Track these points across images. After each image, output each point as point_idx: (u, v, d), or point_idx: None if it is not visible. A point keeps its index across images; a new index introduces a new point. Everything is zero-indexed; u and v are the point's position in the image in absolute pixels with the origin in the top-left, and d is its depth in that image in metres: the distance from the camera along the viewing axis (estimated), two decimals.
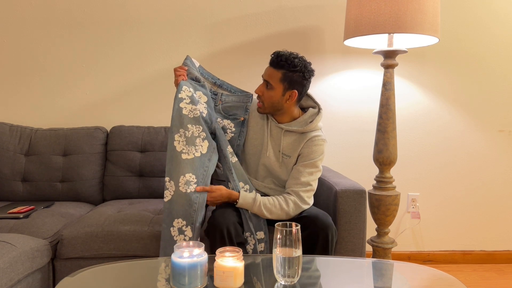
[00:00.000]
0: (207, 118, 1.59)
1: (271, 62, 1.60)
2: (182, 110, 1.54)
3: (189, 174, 1.51)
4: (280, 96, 1.60)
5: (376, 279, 1.20)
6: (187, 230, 1.50)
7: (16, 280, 1.37)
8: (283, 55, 1.58)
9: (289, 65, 1.56)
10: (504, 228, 2.48)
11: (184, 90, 1.56)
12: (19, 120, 2.32)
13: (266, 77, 1.61)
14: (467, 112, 2.42)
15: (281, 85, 1.59)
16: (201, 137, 1.56)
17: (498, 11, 2.36)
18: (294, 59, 1.57)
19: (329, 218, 1.53)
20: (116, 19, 2.31)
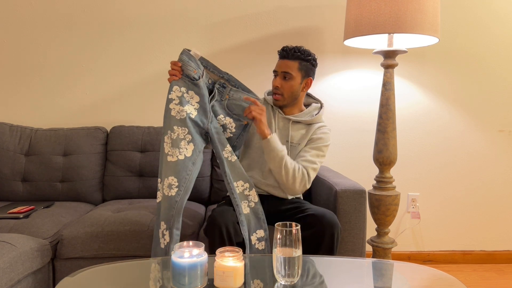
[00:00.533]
0: (196, 119, 1.55)
1: (284, 56, 1.70)
2: (170, 111, 1.52)
3: (171, 177, 1.50)
4: (298, 84, 1.71)
5: (376, 279, 1.20)
6: (166, 234, 1.49)
7: (16, 280, 1.37)
8: (295, 48, 1.70)
9: (303, 54, 1.69)
10: (504, 228, 2.48)
11: (175, 90, 1.53)
12: (19, 120, 2.32)
13: (284, 68, 1.69)
14: (467, 112, 2.42)
15: (299, 73, 1.70)
16: (186, 139, 1.53)
17: (498, 11, 2.36)
18: (305, 50, 1.71)
19: (334, 217, 1.53)
20: (116, 19, 2.31)
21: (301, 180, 1.63)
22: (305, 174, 1.64)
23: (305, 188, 1.66)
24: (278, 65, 1.72)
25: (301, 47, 1.71)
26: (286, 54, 1.70)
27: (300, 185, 1.63)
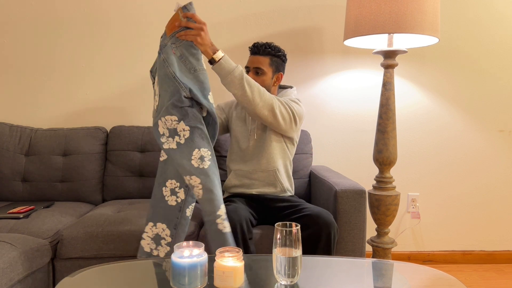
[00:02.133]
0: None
1: (255, 51, 1.75)
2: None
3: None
4: (270, 79, 1.77)
5: (376, 279, 1.20)
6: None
7: (16, 280, 1.37)
8: (265, 44, 1.75)
9: (273, 50, 1.75)
10: (504, 228, 2.48)
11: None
12: (19, 120, 2.32)
13: (256, 64, 1.74)
14: (467, 112, 2.42)
15: (270, 69, 1.76)
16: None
17: (498, 11, 2.36)
18: (274, 45, 1.77)
19: (331, 217, 1.53)
20: (116, 19, 2.31)
21: (268, 99, 1.58)
22: (281, 100, 1.65)
23: (292, 124, 1.67)
24: (250, 61, 1.77)
25: (271, 43, 1.76)
26: (257, 50, 1.75)
27: (268, 102, 1.57)
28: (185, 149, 1.40)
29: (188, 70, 1.43)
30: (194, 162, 1.39)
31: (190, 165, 1.39)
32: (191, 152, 1.40)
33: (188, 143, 1.40)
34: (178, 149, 1.41)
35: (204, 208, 1.39)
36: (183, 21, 1.40)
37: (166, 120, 1.41)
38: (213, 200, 1.39)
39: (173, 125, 1.41)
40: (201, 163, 1.40)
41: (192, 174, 1.39)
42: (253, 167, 1.76)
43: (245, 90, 1.52)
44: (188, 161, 1.39)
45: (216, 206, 1.39)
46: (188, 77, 1.42)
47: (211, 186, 1.39)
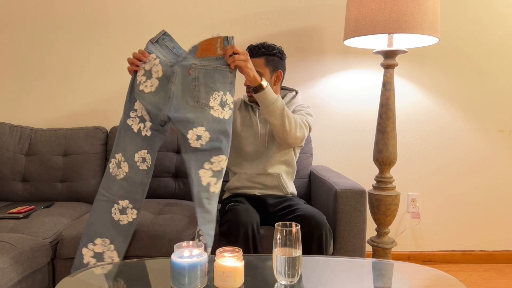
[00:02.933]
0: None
1: (250, 55, 1.72)
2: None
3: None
4: (269, 79, 1.75)
5: (376, 279, 1.20)
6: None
7: (16, 280, 1.37)
8: (258, 45, 1.74)
9: (267, 49, 1.73)
10: (504, 228, 2.48)
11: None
12: (19, 120, 2.32)
13: None
14: (467, 112, 2.42)
15: (267, 69, 1.74)
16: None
17: (498, 11, 2.36)
18: (269, 44, 1.75)
19: (323, 217, 1.53)
20: (117, 19, 2.31)
21: (301, 128, 1.66)
22: (304, 120, 1.70)
23: (303, 136, 1.68)
24: None
25: (264, 43, 1.75)
26: (251, 53, 1.73)
27: (300, 131, 1.66)
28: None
29: (191, 97, 1.43)
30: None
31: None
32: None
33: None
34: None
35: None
36: (224, 50, 1.43)
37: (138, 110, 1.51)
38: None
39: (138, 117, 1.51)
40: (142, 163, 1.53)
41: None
42: (258, 171, 1.76)
43: (284, 121, 1.59)
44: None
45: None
46: (186, 104, 1.43)
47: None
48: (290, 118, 1.60)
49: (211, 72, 1.42)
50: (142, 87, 1.48)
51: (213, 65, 1.43)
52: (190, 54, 1.48)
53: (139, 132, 1.52)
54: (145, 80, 1.48)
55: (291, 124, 1.61)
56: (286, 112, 1.58)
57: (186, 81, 1.43)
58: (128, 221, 1.53)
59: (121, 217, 1.52)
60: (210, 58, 1.44)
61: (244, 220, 1.47)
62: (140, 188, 1.53)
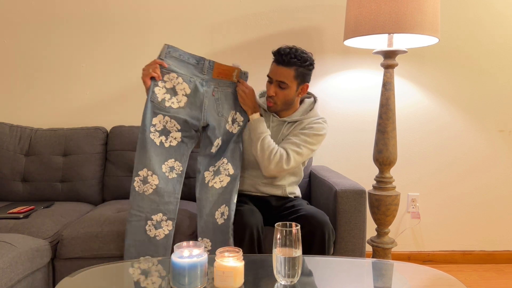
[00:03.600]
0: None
1: (280, 61, 1.60)
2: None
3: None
4: (294, 92, 1.65)
5: (376, 279, 1.20)
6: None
7: (16, 280, 1.37)
8: (291, 52, 1.59)
9: (299, 61, 1.59)
10: (504, 228, 2.48)
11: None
12: (19, 120, 2.32)
13: (279, 77, 1.61)
14: (467, 112, 2.42)
15: (295, 82, 1.63)
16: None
17: (498, 11, 2.36)
18: (302, 54, 1.61)
19: (325, 217, 1.52)
20: (117, 19, 2.31)
21: (278, 162, 1.60)
22: (283, 156, 1.60)
23: (282, 170, 1.62)
24: (273, 72, 1.63)
25: (297, 51, 1.60)
26: (282, 60, 1.59)
27: (276, 166, 1.60)
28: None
29: (216, 112, 1.65)
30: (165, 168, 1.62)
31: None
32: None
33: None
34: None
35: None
36: (239, 79, 1.67)
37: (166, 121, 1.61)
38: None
39: (168, 126, 1.61)
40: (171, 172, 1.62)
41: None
42: (263, 181, 1.73)
43: (257, 149, 1.63)
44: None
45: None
46: (213, 117, 1.65)
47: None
48: (264, 152, 1.60)
49: (229, 94, 1.68)
50: (169, 104, 1.59)
51: (231, 90, 1.68)
52: (207, 72, 1.64)
53: (161, 144, 1.58)
54: (170, 97, 1.59)
55: (264, 157, 1.60)
56: (261, 144, 1.61)
57: (211, 99, 1.64)
58: (164, 234, 1.56)
59: (156, 232, 1.55)
60: (226, 82, 1.67)
61: (249, 221, 1.47)
62: (172, 196, 1.58)
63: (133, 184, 1.55)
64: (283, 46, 1.62)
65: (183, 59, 1.61)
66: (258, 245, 1.49)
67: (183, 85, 1.59)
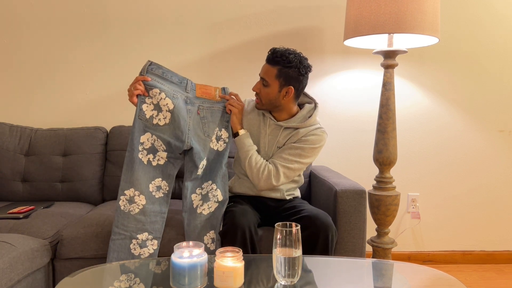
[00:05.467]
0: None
1: (267, 59, 1.62)
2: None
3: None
4: (276, 92, 1.62)
5: (376, 279, 1.20)
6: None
7: (16, 280, 1.37)
8: (278, 51, 1.59)
9: (284, 61, 1.57)
10: (504, 228, 2.48)
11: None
12: (19, 120, 2.32)
13: (262, 74, 1.64)
14: (467, 112, 2.42)
15: (276, 81, 1.60)
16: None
17: (498, 11, 2.36)
18: (289, 55, 1.57)
19: (329, 219, 1.52)
20: (116, 19, 2.31)
21: (266, 178, 1.60)
22: (271, 172, 1.60)
23: (272, 186, 1.62)
24: (261, 68, 1.65)
25: (287, 51, 1.58)
26: (268, 58, 1.61)
27: (266, 183, 1.61)
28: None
29: (202, 131, 1.63)
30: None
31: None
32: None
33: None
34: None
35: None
36: (223, 96, 1.67)
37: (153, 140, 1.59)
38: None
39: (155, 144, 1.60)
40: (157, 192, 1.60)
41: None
42: None
43: (245, 166, 1.64)
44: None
45: None
46: (199, 137, 1.62)
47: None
48: (252, 169, 1.61)
49: (215, 112, 1.66)
50: (156, 121, 1.56)
51: (217, 107, 1.66)
52: (190, 91, 1.62)
53: (149, 163, 1.57)
54: (156, 114, 1.56)
55: (252, 174, 1.62)
56: (249, 161, 1.61)
57: (196, 119, 1.62)
58: (149, 253, 1.55)
59: (141, 251, 1.55)
60: (210, 101, 1.65)
61: (241, 222, 1.46)
62: (159, 216, 1.57)
63: (119, 202, 1.54)
64: (280, 47, 1.64)
65: (166, 77, 1.58)
66: (251, 246, 1.48)
67: (166, 101, 1.55)
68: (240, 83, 2.34)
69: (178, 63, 2.33)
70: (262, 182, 1.61)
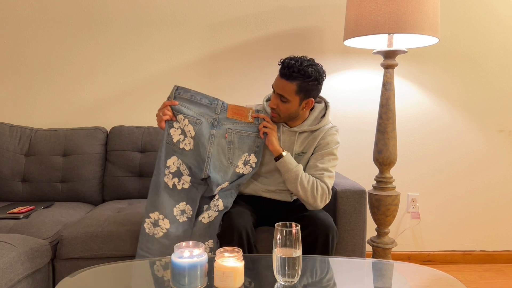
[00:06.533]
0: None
1: (282, 74, 1.51)
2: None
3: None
4: (297, 106, 1.56)
5: (376, 279, 1.20)
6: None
7: (16, 281, 1.37)
8: (294, 66, 1.48)
9: (303, 76, 1.49)
10: (504, 228, 2.48)
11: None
12: (19, 120, 2.32)
13: (280, 90, 1.53)
14: (467, 112, 2.42)
15: (297, 97, 1.53)
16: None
17: (498, 11, 2.36)
18: (307, 68, 1.49)
19: (330, 219, 1.52)
20: (116, 19, 2.30)
21: (322, 196, 1.54)
22: (324, 188, 1.54)
23: (327, 201, 1.58)
24: (276, 84, 1.55)
25: (302, 64, 1.49)
26: (284, 74, 1.50)
27: (322, 200, 1.55)
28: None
29: (226, 158, 1.59)
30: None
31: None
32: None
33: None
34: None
35: None
36: (258, 114, 1.60)
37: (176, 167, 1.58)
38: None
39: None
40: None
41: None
42: (267, 189, 1.68)
43: (297, 189, 1.55)
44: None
45: None
46: (220, 164, 1.59)
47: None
48: (306, 190, 1.53)
49: (244, 137, 1.61)
50: (183, 146, 1.56)
51: (247, 132, 1.61)
52: (220, 112, 1.59)
53: (174, 187, 1.57)
54: (183, 138, 1.56)
55: (307, 195, 1.54)
56: (301, 182, 1.53)
57: (221, 143, 1.59)
58: None
59: (164, 273, 1.54)
60: (241, 122, 1.61)
61: (238, 224, 1.45)
62: (183, 240, 1.55)
63: (144, 225, 1.54)
64: (289, 57, 1.53)
65: (194, 100, 1.56)
66: (248, 248, 1.47)
67: (189, 127, 1.55)
68: (240, 83, 2.35)
69: (178, 63, 2.33)
70: (318, 200, 1.54)
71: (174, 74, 2.34)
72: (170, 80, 2.33)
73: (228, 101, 2.32)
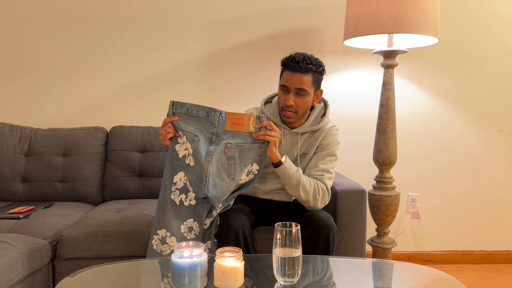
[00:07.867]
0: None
1: (296, 69, 1.52)
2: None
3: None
4: (312, 99, 1.59)
5: (376, 279, 1.20)
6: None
7: (16, 281, 1.37)
8: (305, 58, 1.53)
9: (315, 66, 1.53)
10: (504, 228, 2.48)
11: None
12: (19, 120, 2.32)
13: (298, 84, 1.53)
14: (467, 112, 2.42)
15: (313, 88, 1.56)
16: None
17: (498, 11, 2.36)
18: (316, 59, 1.55)
19: (331, 219, 1.52)
20: (116, 19, 2.30)
21: (323, 197, 1.55)
22: (325, 189, 1.55)
23: (327, 203, 1.58)
24: (290, 80, 1.53)
25: (311, 57, 1.54)
26: (298, 67, 1.51)
27: (322, 202, 1.56)
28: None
29: (227, 174, 1.52)
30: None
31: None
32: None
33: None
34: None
35: None
36: (260, 124, 1.50)
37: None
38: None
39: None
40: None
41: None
42: (268, 190, 1.68)
43: (299, 194, 1.54)
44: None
45: None
46: (222, 182, 1.51)
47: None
48: (308, 193, 1.53)
49: (245, 151, 1.52)
50: (188, 161, 1.51)
51: (248, 145, 1.52)
52: (218, 125, 1.50)
53: (181, 204, 1.53)
54: (188, 154, 1.51)
55: (309, 198, 1.54)
56: (303, 187, 1.52)
57: (221, 159, 1.51)
58: None
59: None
60: (241, 133, 1.51)
61: (234, 224, 1.45)
62: None
63: (151, 242, 1.52)
64: (295, 53, 1.56)
65: (191, 113, 1.50)
66: (245, 248, 1.47)
67: (187, 144, 1.50)
68: (240, 83, 2.34)
69: (178, 63, 2.33)
70: (319, 202, 1.55)
71: (174, 74, 2.34)
72: (170, 80, 2.33)
73: (228, 100, 2.34)
